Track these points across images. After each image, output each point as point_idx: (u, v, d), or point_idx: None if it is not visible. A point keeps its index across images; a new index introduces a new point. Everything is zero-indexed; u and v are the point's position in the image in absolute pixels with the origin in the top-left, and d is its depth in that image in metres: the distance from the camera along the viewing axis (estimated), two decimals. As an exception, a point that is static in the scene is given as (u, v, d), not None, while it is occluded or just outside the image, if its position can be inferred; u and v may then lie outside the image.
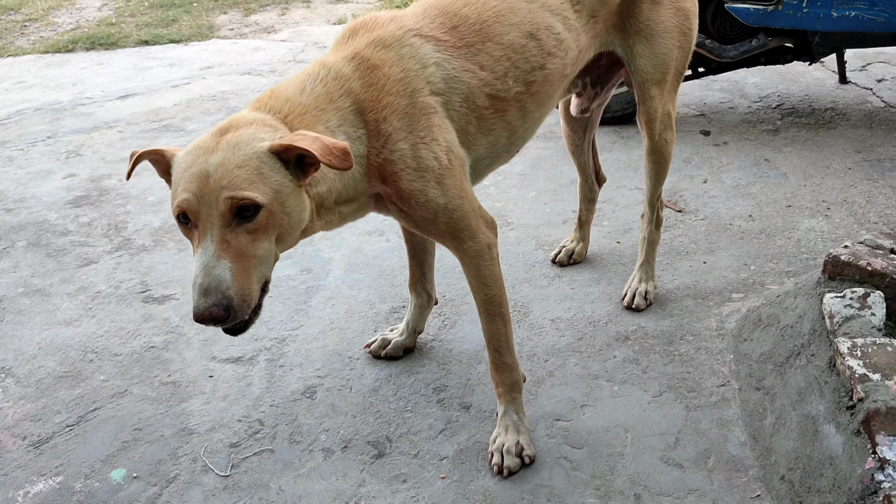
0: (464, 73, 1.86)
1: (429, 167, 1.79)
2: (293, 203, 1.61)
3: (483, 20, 1.91)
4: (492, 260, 1.95)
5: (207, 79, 5.19)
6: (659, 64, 2.25)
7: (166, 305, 2.80)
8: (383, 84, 1.76)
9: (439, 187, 1.81)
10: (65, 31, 6.51)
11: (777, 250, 2.86)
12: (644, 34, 2.22)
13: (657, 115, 2.33)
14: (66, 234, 3.32)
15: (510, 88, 1.94)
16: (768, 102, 4.20)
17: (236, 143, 1.57)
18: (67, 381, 2.44)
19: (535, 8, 1.97)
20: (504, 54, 1.92)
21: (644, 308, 2.59)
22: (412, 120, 1.78)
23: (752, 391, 2.15)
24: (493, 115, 1.94)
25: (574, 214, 3.20)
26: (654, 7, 2.22)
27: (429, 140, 1.79)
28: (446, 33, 1.87)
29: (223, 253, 1.52)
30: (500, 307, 1.98)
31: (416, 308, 2.44)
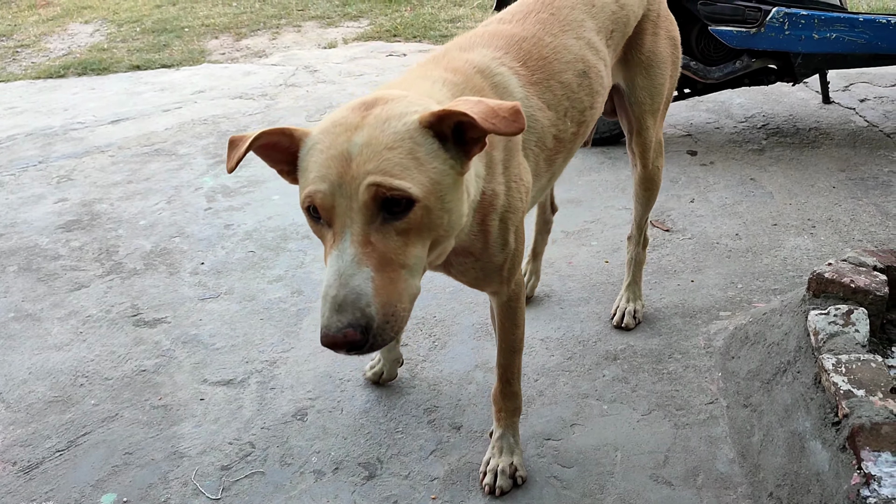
0: (538, 111, 1.74)
1: (517, 208, 1.64)
2: (453, 198, 1.31)
3: (544, 56, 1.79)
4: (523, 300, 1.89)
5: (199, 103, 5.22)
6: (656, 94, 2.27)
7: (157, 329, 2.80)
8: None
9: (514, 233, 1.67)
10: (57, 56, 6.55)
11: (763, 268, 2.89)
12: (645, 66, 2.22)
13: (651, 144, 2.35)
14: (57, 258, 3.33)
15: (567, 129, 1.85)
16: (754, 122, 4.26)
17: (387, 117, 1.27)
18: (58, 405, 2.44)
19: (583, 46, 1.90)
20: (564, 93, 1.82)
21: (633, 327, 2.61)
22: (509, 154, 1.63)
23: (740, 408, 2.17)
24: (553, 156, 1.84)
25: (562, 235, 3.24)
26: (654, 38, 2.23)
27: (518, 179, 1.65)
28: (522, 67, 1.73)
29: (365, 258, 1.21)
30: (521, 343, 1.97)
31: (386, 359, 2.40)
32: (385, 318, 1.21)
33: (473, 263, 1.67)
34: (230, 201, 3.77)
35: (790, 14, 3.40)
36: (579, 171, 3.80)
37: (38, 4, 8.39)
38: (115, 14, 7.75)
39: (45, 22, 7.64)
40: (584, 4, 1.97)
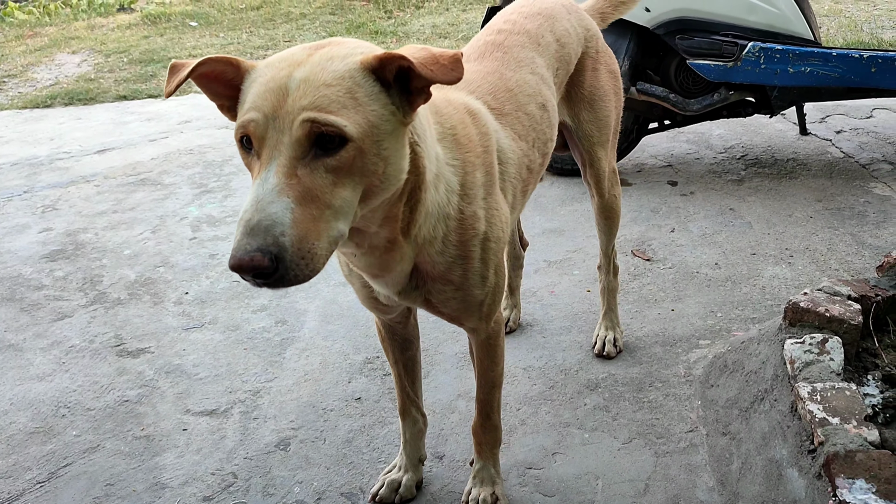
0: (512, 142, 1.77)
1: (498, 237, 1.66)
2: (392, 145, 1.28)
3: (509, 89, 1.84)
4: (502, 338, 1.90)
5: (185, 133, 5.25)
6: (603, 126, 2.33)
7: (140, 359, 2.80)
8: (471, 135, 1.61)
9: (495, 267, 1.68)
10: (44, 86, 6.57)
11: (742, 297, 2.94)
12: (588, 100, 2.28)
13: (605, 175, 2.41)
14: (41, 288, 3.32)
15: (536, 159, 1.89)
16: (733, 153, 4.34)
17: (330, 57, 1.26)
18: (39, 436, 2.43)
19: (538, 81, 1.96)
20: (530, 124, 1.86)
21: (614, 355, 2.64)
22: (490, 180, 1.64)
23: (719, 436, 2.19)
24: (525, 187, 1.88)
25: (545, 265, 3.27)
26: (595, 74, 2.29)
27: (497, 208, 1.66)
28: (492, 99, 1.77)
29: (288, 189, 1.18)
30: (500, 378, 1.98)
31: (411, 437, 2.11)
32: (300, 252, 1.17)
33: (454, 293, 1.68)
34: (215, 231, 3.78)
35: (765, 48, 3.49)
36: (561, 201, 3.86)
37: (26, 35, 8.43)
38: (103, 45, 7.80)
39: (33, 52, 7.67)
40: (531, 43, 2.03)
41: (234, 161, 4.66)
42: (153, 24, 8.54)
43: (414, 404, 2.11)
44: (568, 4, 2.29)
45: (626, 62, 3.69)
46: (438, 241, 1.56)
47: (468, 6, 8.52)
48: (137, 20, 8.79)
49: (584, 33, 2.26)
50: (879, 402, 2.04)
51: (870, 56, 3.43)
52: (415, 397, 2.11)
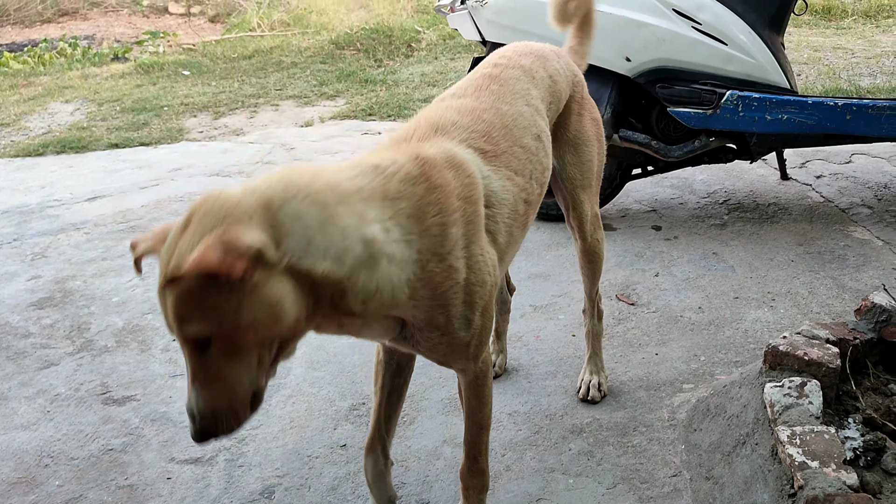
0: (507, 182, 1.82)
1: (484, 282, 1.69)
2: (250, 314, 1.36)
3: (506, 124, 1.89)
4: (490, 378, 1.93)
5: (176, 180, 5.30)
6: (586, 171, 2.39)
7: (126, 407, 2.80)
8: (453, 188, 1.64)
9: (481, 310, 1.72)
10: (36, 135, 6.63)
11: (725, 341, 2.97)
12: (572, 144, 2.35)
13: (588, 218, 2.46)
14: (28, 336, 3.33)
15: (534, 191, 1.95)
16: (716, 198, 4.41)
17: (178, 262, 1.36)
18: (21, 487, 2.42)
19: (533, 112, 2.03)
20: (527, 157, 1.92)
21: (599, 400, 2.65)
22: (472, 229, 1.68)
23: (703, 481, 2.20)
24: (525, 220, 1.93)
25: (531, 309, 3.30)
26: (579, 119, 2.37)
27: (482, 254, 1.70)
28: (486, 142, 1.82)
29: (196, 382, 1.43)
30: (488, 420, 2.00)
31: (373, 479, 2.09)
32: (213, 415, 1.44)
33: (440, 338, 1.71)
34: (204, 278, 3.79)
35: (743, 97, 3.58)
36: (547, 246, 3.90)
37: (20, 84, 8.53)
38: (96, 93, 7.89)
39: (27, 101, 7.76)
40: (526, 76, 2.10)
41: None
42: (146, 73, 8.65)
43: (381, 442, 2.08)
44: (556, 50, 2.40)
45: (609, 110, 3.78)
46: (406, 302, 1.60)
47: (456, 55, 8.69)
48: (131, 69, 8.91)
49: (571, 77, 2.35)
50: (860, 444, 2.06)
51: (844, 104, 3.52)
52: (384, 435, 2.09)
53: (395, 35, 9.37)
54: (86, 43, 11.36)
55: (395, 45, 9.13)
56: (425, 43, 9.15)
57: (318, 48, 9.32)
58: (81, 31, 12.56)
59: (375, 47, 9.09)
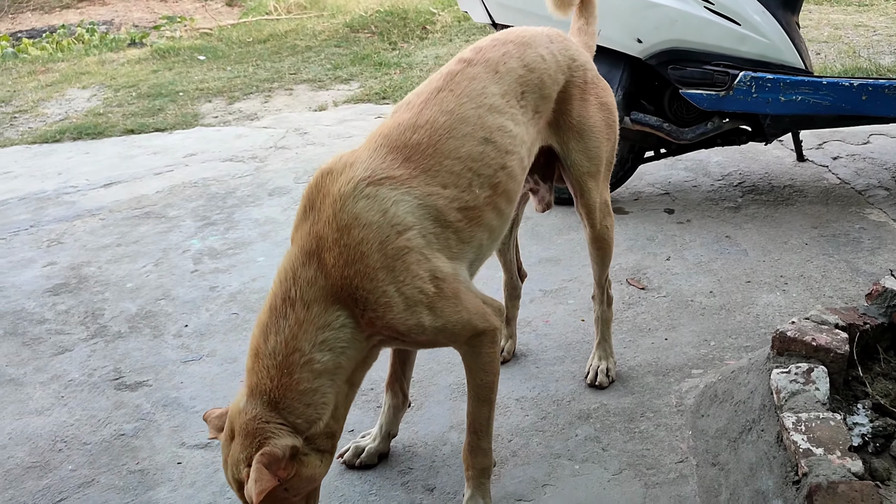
0: (427, 198, 1.90)
1: (418, 301, 1.84)
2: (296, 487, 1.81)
3: (435, 141, 1.95)
4: (493, 346, 2.00)
5: (190, 166, 5.33)
6: (593, 157, 2.37)
7: (139, 392, 2.83)
8: (349, 256, 1.80)
9: (433, 314, 1.87)
10: (53, 121, 6.69)
11: (736, 326, 2.94)
12: (576, 130, 2.33)
13: (596, 206, 2.44)
14: (43, 322, 3.37)
15: (478, 196, 1.99)
16: (730, 180, 4.36)
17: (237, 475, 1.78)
18: (35, 471, 2.46)
19: (484, 112, 2.04)
20: (465, 166, 1.97)
21: (606, 385, 2.64)
22: (387, 271, 1.82)
23: (709, 467, 2.19)
24: (469, 223, 1.98)
25: (540, 294, 3.30)
26: (583, 104, 2.34)
27: (409, 279, 1.83)
28: (399, 167, 1.90)
29: None
30: (491, 392, 2.04)
31: (390, 409, 2.38)
32: None
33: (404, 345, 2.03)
34: (216, 263, 3.83)
35: (757, 78, 3.52)
36: (559, 230, 3.88)
37: (38, 70, 8.59)
38: (113, 79, 7.93)
39: (44, 87, 7.81)
40: (487, 72, 2.11)
41: (237, 193, 4.72)
42: (162, 59, 8.68)
43: (399, 381, 2.37)
44: (553, 34, 2.35)
45: (620, 92, 3.74)
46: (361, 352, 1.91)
47: (471, 37, 8.63)
48: (147, 55, 8.94)
49: (567, 62, 2.31)
50: (869, 431, 2.05)
51: (860, 84, 3.46)
52: (401, 376, 2.38)
53: (409, 17, 9.30)
54: (104, 28, 11.42)
55: (410, 28, 9.08)
56: (440, 25, 9.09)
57: (333, 31, 9.28)
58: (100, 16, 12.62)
59: (390, 30, 9.04)
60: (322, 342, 1.81)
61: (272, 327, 1.82)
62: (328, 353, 1.81)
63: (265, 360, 1.81)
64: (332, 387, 1.83)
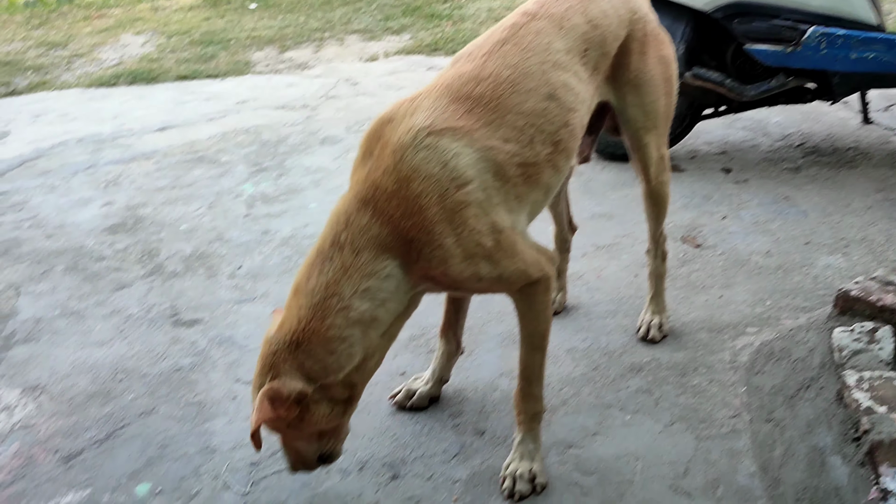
0: (488, 151, 1.86)
1: (475, 253, 1.83)
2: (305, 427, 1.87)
3: (499, 95, 1.91)
4: (546, 294, 1.99)
5: (242, 113, 5.36)
6: (650, 112, 2.32)
7: (194, 329, 2.90)
8: (407, 209, 1.79)
9: (490, 264, 1.86)
10: (108, 66, 6.77)
11: (794, 286, 2.89)
12: (634, 84, 2.28)
13: (652, 161, 2.40)
14: (102, 259, 3.45)
15: (539, 153, 1.96)
16: (791, 141, 4.24)
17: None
18: (98, 398, 2.54)
19: (549, 68, 1.99)
20: (527, 121, 1.93)
21: (659, 340, 2.63)
22: (446, 224, 1.80)
23: (763, 423, 2.17)
24: (527, 180, 1.95)
25: (593, 248, 3.27)
26: (642, 58, 2.29)
27: (467, 233, 1.82)
28: (461, 119, 1.86)
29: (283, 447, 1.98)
30: (543, 340, 2.05)
31: (443, 355, 2.40)
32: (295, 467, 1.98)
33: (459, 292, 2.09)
34: (268, 208, 3.87)
35: (827, 34, 3.40)
36: (612, 186, 3.83)
37: (93, 16, 8.67)
38: (166, 26, 7.97)
39: (99, 33, 7.89)
40: (551, 27, 2.05)
41: (289, 141, 4.74)
42: (214, 7, 8.69)
43: (452, 329, 2.39)
44: None
45: (682, 46, 3.64)
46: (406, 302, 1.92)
47: (524, -10, 8.46)
48: (199, 2, 8.96)
49: (628, 15, 2.25)
50: (932, 394, 2.00)
51: (937, 42, 3.32)
52: (455, 323, 2.40)
53: (462, -31, 9.16)
54: (155, -24, 11.42)
55: (462, -21, 8.94)
56: (492, -23, 8.92)
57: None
58: (152, -37, 12.63)
59: (442, -19, 8.91)
60: (364, 290, 1.81)
61: (316, 268, 1.83)
62: (368, 302, 1.82)
63: (302, 298, 1.83)
64: (362, 339, 1.83)
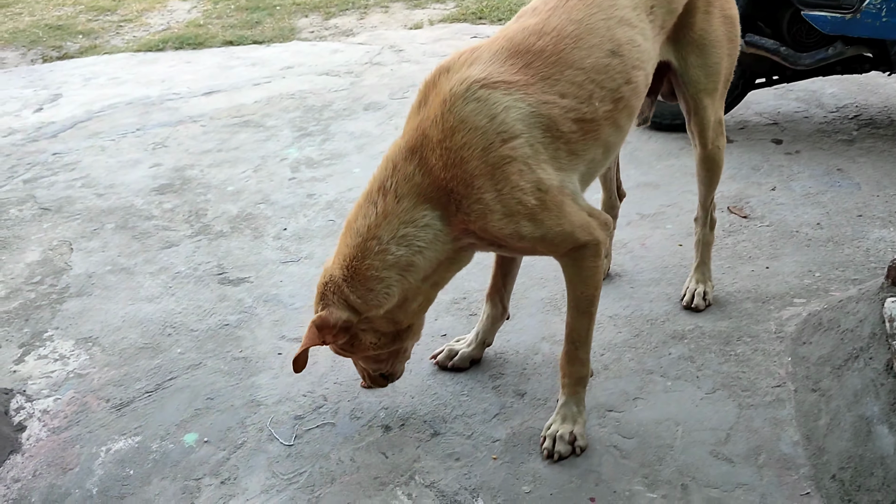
0: (542, 106, 1.85)
1: (516, 211, 1.83)
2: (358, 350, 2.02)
3: (560, 49, 1.89)
4: (595, 259, 1.97)
5: (287, 78, 5.39)
6: (711, 73, 2.28)
7: (241, 287, 2.95)
8: (448, 159, 1.81)
9: (532, 223, 1.85)
10: (156, 31, 6.86)
11: (844, 258, 2.83)
12: (697, 44, 2.24)
13: (710, 124, 2.36)
14: (151, 218, 3.53)
15: (597, 109, 1.93)
16: (845, 113, 4.13)
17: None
18: (147, 352, 2.61)
19: (614, 24, 1.97)
20: (587, 77, 1.91)
21: (703, 308, 2.60)
22: (486, 178, 1.80)
23: (808, 392, 2.15)
24: (584, 136, 1.93)
25: (638, 217, 3.24)
26: (707, 17, 2.24)
27: (509, 189, 1.81)
28: (518, 73, 1.86)
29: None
30: (591, 305, 2.04)
31: (488, 319, 2.41)
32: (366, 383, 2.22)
33: (503, 251, 2.05)
34: (313, 172, 3.90)
35: (889, 1, 3.28)
36: (658, 156, 3.78)
37: (141, -18, 8.76)
38: (212, -8, 8.04)
39: (147, -1, 8.00)
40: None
41: (334, 107, 4.76)
42: (259, -26, 8.73)
43: (499, 293, 2.40)
44: None
45: (735, 12, 3.54)
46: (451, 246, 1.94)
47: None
48: (245, -31, 9.00)
49: None
50: None
51: None
52: (502, 287, 2.40)
53: (508, -64, 9.02)
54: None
55: (508, -53, 8.81)
56: (539, -55, 8.78)
57: (429, -51, 9.10)
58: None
59: (488, -51, 8.80)
60: (402, 237, 1.86)
61: (363, 210, 1.90)
62: (405, 248, 1.87)
63: (350, 237, 1.92)
64: (400, 281, 1.90)
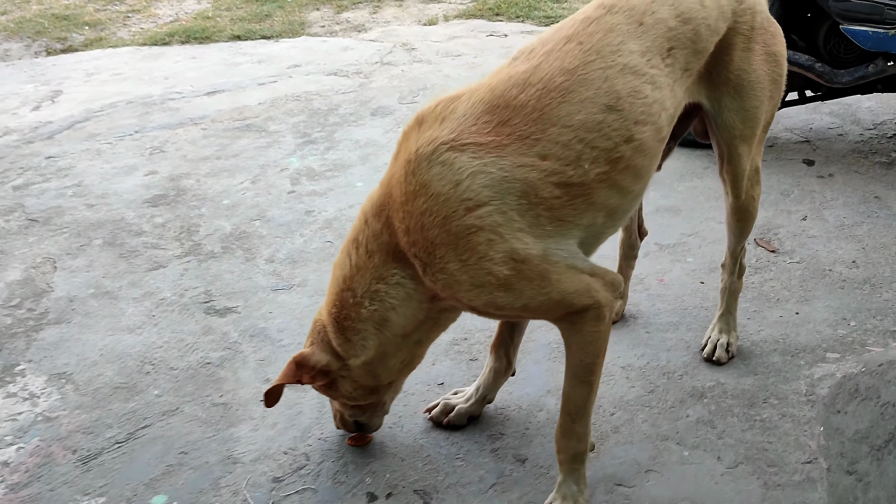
0: (516, 170, 1.66)
1: (486, 282, 1.68)
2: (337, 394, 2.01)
3: (544, 105, 1.69)
4: (597, 324, 1.76)
5: (294, 77, 5.19)
6: (749, 118, 2.03)
7: (227, 318, 2.76)
8: (409, 224, 1.71)
9: (509, 294, 1.70)
10: (164, 23, 6.66)
11: (883, 305, 2.59)
12: (734, 85, 2.00)
13: (745, 174, 2.13)
14: (141, 234, 3.34)
15: (588, 171, 1.71)
16: (884, 131, 3.86)
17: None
18: (123, 392, 2.43)
19: (614, 74, 1.73)
20: (575, 136, 1.70)
21: (725, 361, 2.38)
22: (450, 248, 1.67)
23: (843, 474, 1.92)
24: (571, 201, 1.71)
25: (656, 248, 3.01)
26: (746, 55, 1.99)
27: (475, 260, 1.66)
28: (490, 133, 1.68)
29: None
30: (591, 375, 1.81)
31: (491, 372, 2.20)
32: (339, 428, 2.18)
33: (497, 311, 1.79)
34: (314, 185, 3.70)
35: (937, 15, 3.02)
36: (680, 176, 3.54)
37: (153, -31, 8.57)
38: (224, -19, 7.83)
39: (157, -13, 7.80)
40: (627, 25, 1.79)
41: (340, 111, 4.55)
42: (273, -38, 8.50)
43: (504, 345, 2.20)
44: None
45: (768, 25, 3.29)
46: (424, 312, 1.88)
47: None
48: (259, -43, 8.77)
49: (732, 5, 1.96)
50: None
51: None
52: (508, 339, 2.19)
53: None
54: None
55: (530, -62, 8.52)
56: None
57: (448, -61, 8.83)
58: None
59: (508, -61, 8.51)
60: (374, 292, 1.82)
61: (342, 258, 1.88)
62: (378, 303, 1.82)
63: (333, 283, 1.90)
64: (376, 335, 1.85)
